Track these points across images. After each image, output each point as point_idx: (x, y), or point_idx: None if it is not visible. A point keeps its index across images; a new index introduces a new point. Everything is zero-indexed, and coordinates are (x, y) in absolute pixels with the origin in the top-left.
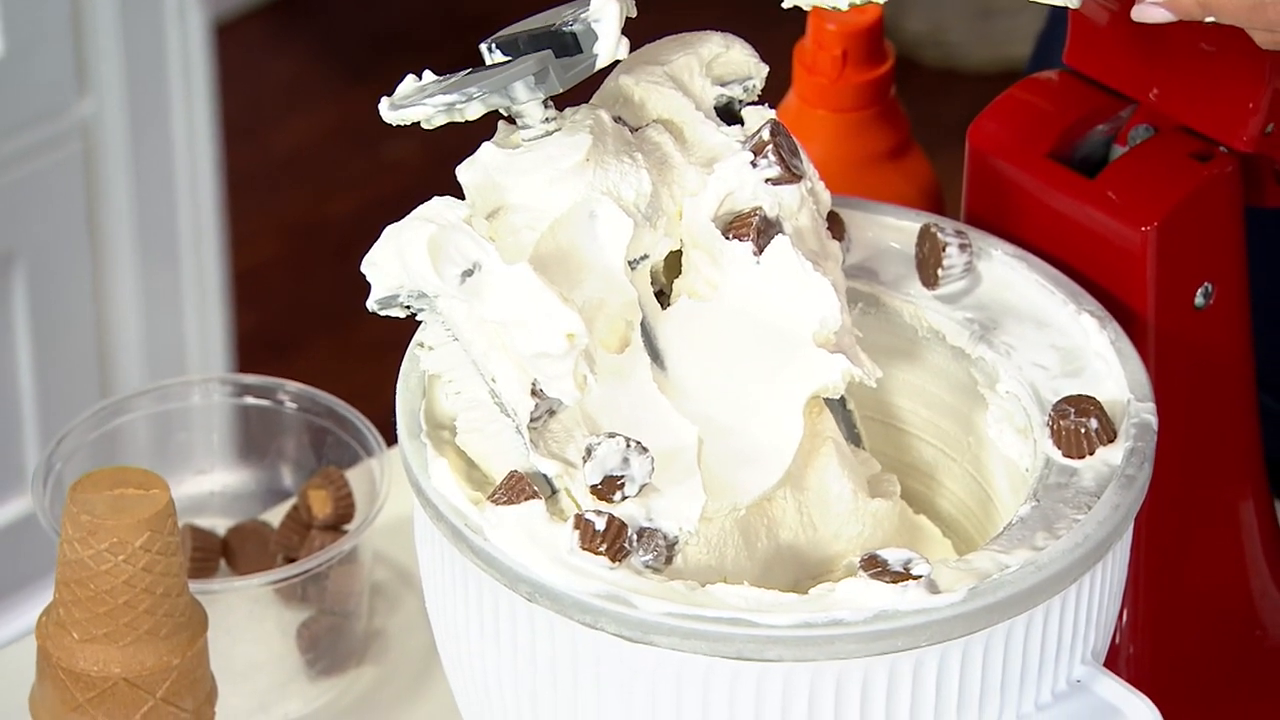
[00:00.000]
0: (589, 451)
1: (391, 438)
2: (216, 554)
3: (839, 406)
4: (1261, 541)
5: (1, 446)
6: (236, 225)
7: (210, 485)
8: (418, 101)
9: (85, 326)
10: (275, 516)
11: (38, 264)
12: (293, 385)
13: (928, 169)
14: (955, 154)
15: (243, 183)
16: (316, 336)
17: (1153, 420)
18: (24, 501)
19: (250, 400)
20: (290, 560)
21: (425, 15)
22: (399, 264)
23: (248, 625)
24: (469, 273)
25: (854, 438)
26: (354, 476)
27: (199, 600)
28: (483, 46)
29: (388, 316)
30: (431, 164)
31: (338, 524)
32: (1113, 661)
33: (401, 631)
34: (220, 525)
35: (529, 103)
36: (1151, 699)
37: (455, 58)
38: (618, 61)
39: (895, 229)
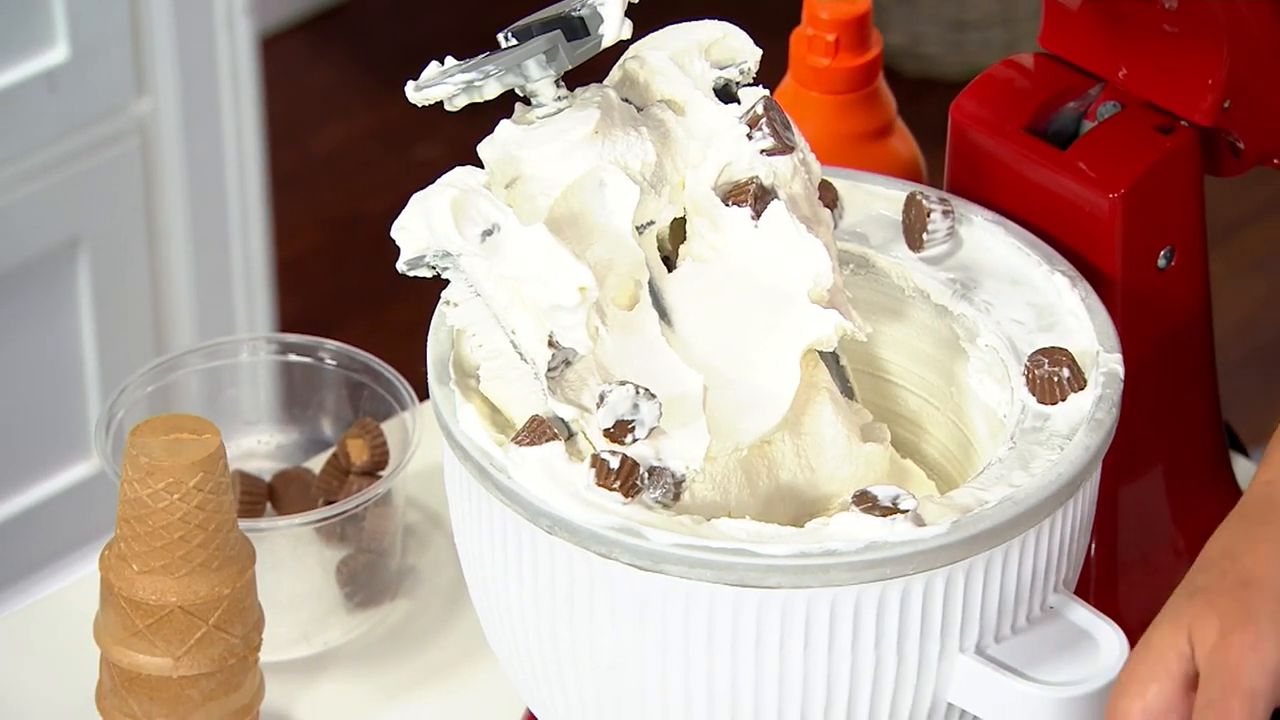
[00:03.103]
0: (602, 398)
1: (423, 394)
2: (263, 497)
3: (833, 361)
4: (1217, 480)
5: (68, 415)
6: (280, 219)
7: (257, 435)
8: (440, 81)
9: (143, 307)
10: (316, 464)
11: (100, 249)
12: (332, 344)
13: (911, 146)
14: (932, 153)
15: (286, 181)
16: (352, 319)
17: (1119, 369)
18: (89, 464)
19: (293, 358)
20: (330, 503)
21: (452, 29)
22: (425, 226)
23: (291, 562)
24: (489, 233)
25: (847, 391)
26: (388, 428)
27: (247, 537)
28: (499, 35)
29: (416, 278)
30: (457, 165)
31: (373, 470)
32: (1082, 589)
33: (432, 568)
34: (266, 472)
35: (541, 80)
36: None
37: None
38: (624, 45)
39: (883, 197)
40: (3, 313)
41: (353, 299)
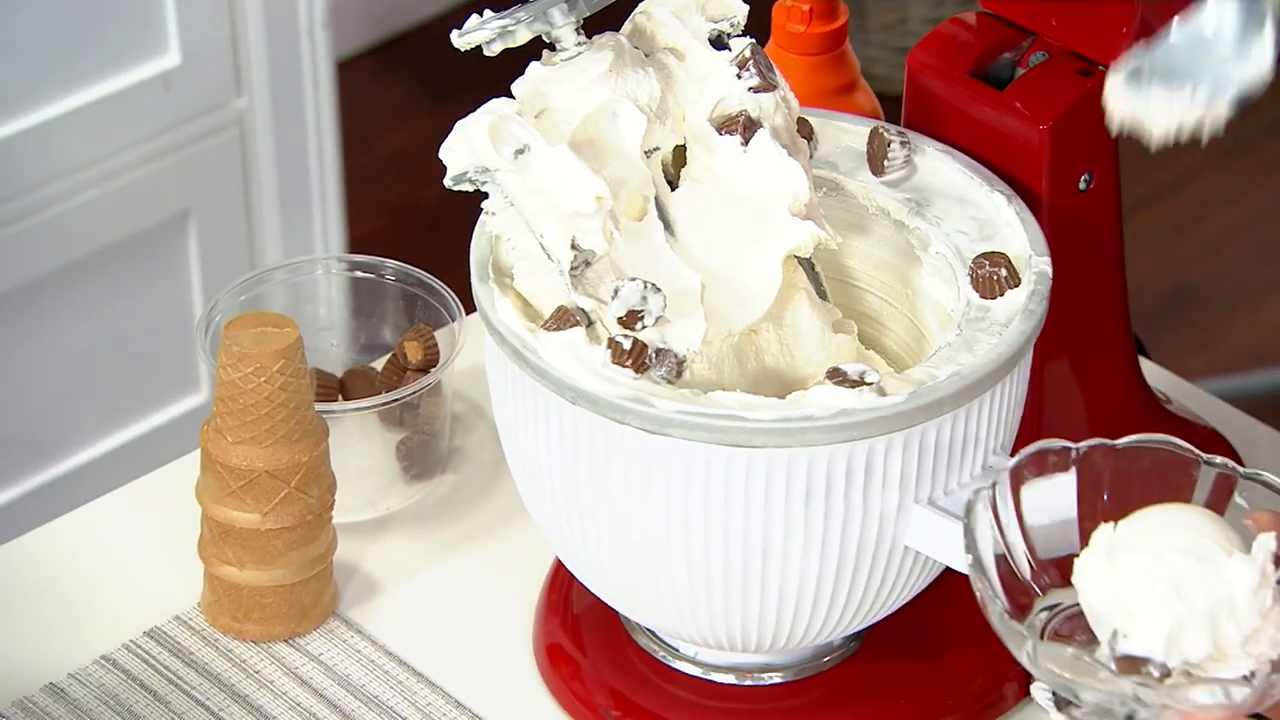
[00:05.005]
0: (616, 291)
1: (469, 306)
2: (335, 390)
3: (809, 267)
4: (1123, 369)
5: (179, 357)
6: (353, 206)
7: (330, 339)
8: (479, 28)
9: (241, 268)
10: (379, 364)
11: (206, 219)
12: (392, 263)
13: (872, 100)
14: None
15: (358, 176)
16: None
17: (1048, 270)
18: (196, 397)
19: (360, 274)
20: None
21: (499, 57)
22: (467, 148)
23: (358, 441)
24: (520, 151)
25: (821, 292)
26: (439, 334)
27: (322, 417)
28: None
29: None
30: None
31: (426, 367)
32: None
33: (475, 448)
34: (338, 367)
35: (564, 27)
36: None
37: None
38: (634, 0)
39: (851, 131)
40: (126, 272)
41: None
